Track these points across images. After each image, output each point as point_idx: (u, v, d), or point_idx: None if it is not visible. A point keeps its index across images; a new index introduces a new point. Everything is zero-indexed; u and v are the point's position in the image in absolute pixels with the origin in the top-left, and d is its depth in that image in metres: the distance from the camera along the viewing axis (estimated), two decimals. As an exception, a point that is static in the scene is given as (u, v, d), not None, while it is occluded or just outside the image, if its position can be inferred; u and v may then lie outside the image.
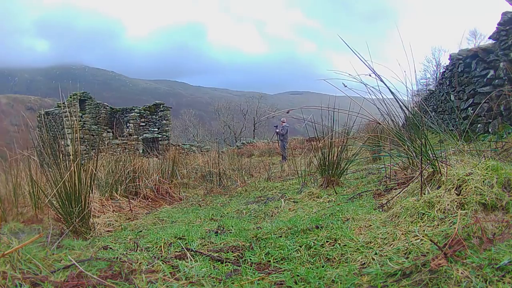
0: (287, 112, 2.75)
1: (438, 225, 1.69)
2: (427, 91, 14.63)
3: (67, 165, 2.69)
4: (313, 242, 1.83)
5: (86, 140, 16.40)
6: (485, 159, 2.28)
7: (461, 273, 1.18)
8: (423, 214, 1.82)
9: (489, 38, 6.62)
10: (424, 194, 2.03)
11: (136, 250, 2.00)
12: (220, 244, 2.06)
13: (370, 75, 2.44)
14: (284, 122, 12.05)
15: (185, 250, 1.88)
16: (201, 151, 15.58)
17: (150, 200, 4.42)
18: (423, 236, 1.59)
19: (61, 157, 2.80)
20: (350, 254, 1.64)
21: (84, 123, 18.00)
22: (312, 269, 1.52)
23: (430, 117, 3.27)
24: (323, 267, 1.56)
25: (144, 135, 19.16)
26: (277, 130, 12.15)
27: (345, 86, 2.51)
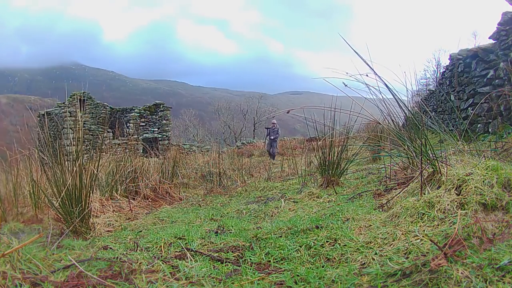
0: (287, 112, 2.74)
1: (438, 225, 1.69)
2: (427, 91, 14.63)
3: (68, 165, 2.69)
4: (313, 242, 1.83)
5: (86, 140, 16.40)
6: (485, 159, 2.28)
7: (461, 273, 1.18)
8: (423, 214, 1.82)
9: (489, 38, 6.62)
10: (424, 194, 2.03)
11: (136, 250, 2.00)
12: (220, 244, 2.06)
13: (367, 75, 2.44)
14: (274, 124, 12.51)
15: (185, 250, 1.88)
16: (201, 151, 15.59)
17: (150, 200, 4.42)
18: (423, 236, 1.59)
19: (61, 157, 2.79)
20: (350, 254, 1.64)
21: (84, 123, 18.01)
22: (312, 269, 1.52)
23: (430, 117, 3.27)
24: (323, 267, 1.56)
25: (144, 135, 19.16)
26: (269, 134, 12.47)
27: (346, 86, 2.51)
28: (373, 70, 2.42)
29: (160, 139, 19.56)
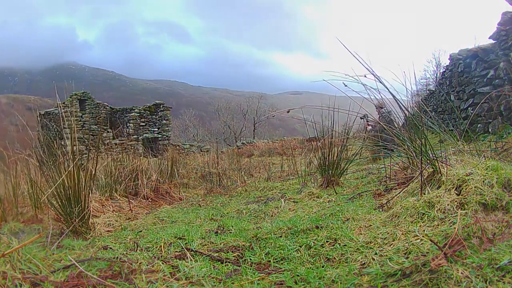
0: (287, 112, 2.74)
1: (438, 225, 1.69)
2: (427, 91, 14.63)
3: (67, 165, 2.69)
4: (313, 242, 1.83)
5: (86, 140, 16.40)
6: (485, 159, 2.28)
7: (461, 273, 1.18)
8: (423, 214, 1.82)
9: (489, 38, 6.62)
10: (424, 194, 2.03)
11: (136, 250, 2.00)
12: (220, 244, 2.06)
13: (365, 76, 2.44)
14: None
15: (185, 250, 1.88)
16: (201, 151, 15.59)
17: (150, 200, 4.42)
18: (423, 236, 1.59)
19: (61, 157, 2.79)
20: (350, 254, 1.64)
21: (84, 123, 18.00)
22: (312, 269, 1.52)
23: (430, 117, 3.27)
24: (323, 267, 1.56)
25: (144, 135, 19.16)
26: None
27: (345, 86, 2.51)
28: (372, 71, 2.42)
29: (160, 139, 19.56)
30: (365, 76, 2.45)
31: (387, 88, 2.53)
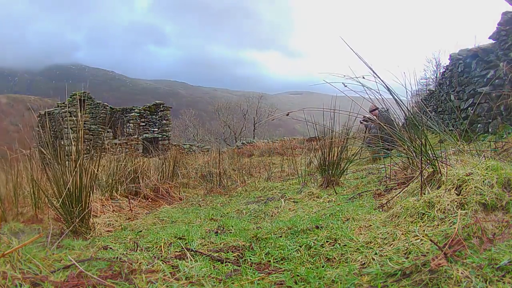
0: (287, 115, 2.74)
1: (438, 225, 1.69)
2: (427, 91, 14.63)
3: (69, 165, 2.69)
4: (313, 242, 1.83)
5: (86, 140, 16.40)
6: (485, 159, 2.28)
7: (461, 273, 1.18)
8: (423, 214, 1.82)
9: (489, 38, 6.62)
10: (424, 194, 2.03)
11: (136, 250, 2.00)
12: (220, 244, 2.06)
13: (364, 77, 2.44)
14: None
15: (185, 250, 1.88)
16: (201, 151, 15.59)
17: (150, 200, 4.42)
18: (423, 236, 1.59)
19: (62, 157, 2.79)
20: (350, 254, 1.64)
21: (84, 123, 18.00)
22: (312, 269, 1.52)
23: (430, 117, 3.27)
24: (323, 267, 1.56)
25: (144, 135, 19.16)
26: None
27: (345, 86, 2.51)
28: (372, 70, 2.42)
29: (160, 139, 19.55)
30: (363, 77, 2.45)
31: (388, 87, 2.53)
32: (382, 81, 2.48)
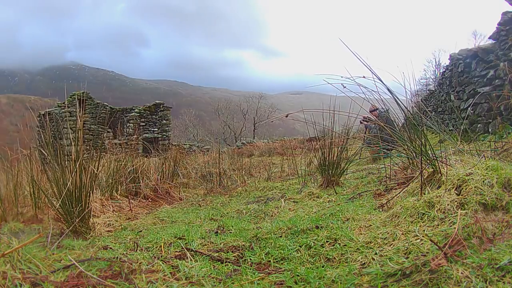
0: (286, 116, 2.73)
1: (438, 225, 1.69)
2: (427, 91, 14.63)
3: (69, 165, 2.69)
4: (313, 242, 1.83)
5: (86, 140, 16.39)
6: (485, 159, 2.28)
7: (461, 273, 1.18)
8: (423, 214, 1.82)
9: (489, 38, 6.62)
10: (424, 194, 2.03)
11: (136, 250, 2.00)
12: (220, 244, 2.06)
13: (364, 77, 2.44)
14: None
15: (185, 250, 1.88)
16: (201, 151, 15.58)
17: (150, 200, 4.42)
18: (423, 236, 1.59)
19: (62, 157, 2.79)
20: (350, 254, 1.64)
21: (84, 123, 17.99)
22: (312, 269, 1.52)
23: (430, 117, 3.27)
24: (323, 267, 1.56)
25: (144, 135, 19.15)
26: None
27: (344, 87, 2.51)
28: (372, 71, 2.42)
29: (160, 139, 19.55)
30: (364, 77, 2.45)
31: (388, 88, 2.53)
32: (381, 81, 2.48)
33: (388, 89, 2.55)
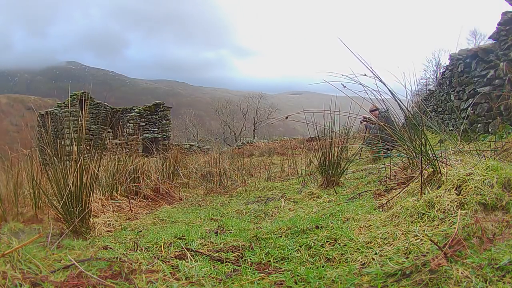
0: (286, 118, 2.73)
1: (438, 225, 1.69)
2: (427, 91, 14.63)
3: (69, 165, 2.69)
4: (313, 242, 1.83)
5: (86, 140, 16.38)
6: (485, 159, 2.28)
7: (461, 273, 1.18)
8: (423, 214, 1.82)
9: (489, 38, 6.62)
10: (424, 194, 2.03)
11: (136, 250, 2.00)
12: (220, 244, 2.06)
13: (365, 75, 2.44)
14: None
15: (185, 250, 1.88)
16: (201, 150, 15.59)
17: (150, 200, 4.42)
18: (423, 236, 1.59)
19: (62, 157, 2.79)
20: (350, 254, 1.64)
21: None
22: (312, 269, 1.52)
23: (430, 117, 3.27)
24: (323, 267, 1.56)
25: (144, 135, 19.14)
26: None
27: (344, 87, 2.51)
28: (373, 72, 2.42)
29: (160, 139, 19.54)
30: (365, 75, 2.45)
31: (388, 88, 2.53)
32: (381, 81, 2.48)
33: (389, 89, 2.55)
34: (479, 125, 6.41)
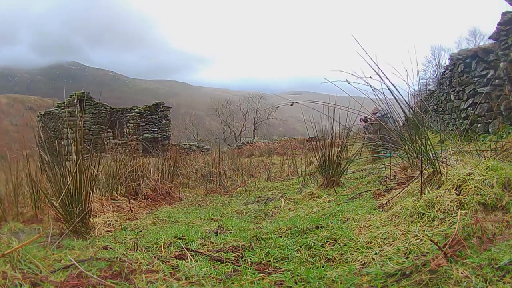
0: (291, 105, 2.72)
1: (438, 225, 1.69)
2: (427, 91, 14.62)
3: (68, 165, 2.69)
4: (313, 242, 1.83)
5: (86, 140, 16.39)
6: (485, 159, 2.28)
7: (461, 273, 1.18)
8: (423, 214, 1.82)
9: (489, 38, 6.62)
10: (424, 194, 2.03)
11: (136, 250, 2.00)
12: (220, 244, 2.06)
13: (371, 77, 2.44)
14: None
15: (185, 250, 1.88)
16: (201, 151, 15.59)
17: (150, 200, 4.42)
18: (423, 236, 1.59)
19: (62, 157, 2.79)
20: (350, 254, 1.64)
21: (84, 123, 17.98)
22: (312, 269, 1.52)
23: (430, 117, 3.27)
24: (323, 267, 1.56)
25: (144, 135, 19.14)
26: None
27: (349, 83, 2.50)
28: (376, 72, 2.42)
29: (160, 139, 19.54)
30: (371, 77, 2.45)
31: (389, 88, 2.53)
32: (383, 81, 2.48)
33: (389, 89, 2.55)
34: (479, 125, 6.41)
